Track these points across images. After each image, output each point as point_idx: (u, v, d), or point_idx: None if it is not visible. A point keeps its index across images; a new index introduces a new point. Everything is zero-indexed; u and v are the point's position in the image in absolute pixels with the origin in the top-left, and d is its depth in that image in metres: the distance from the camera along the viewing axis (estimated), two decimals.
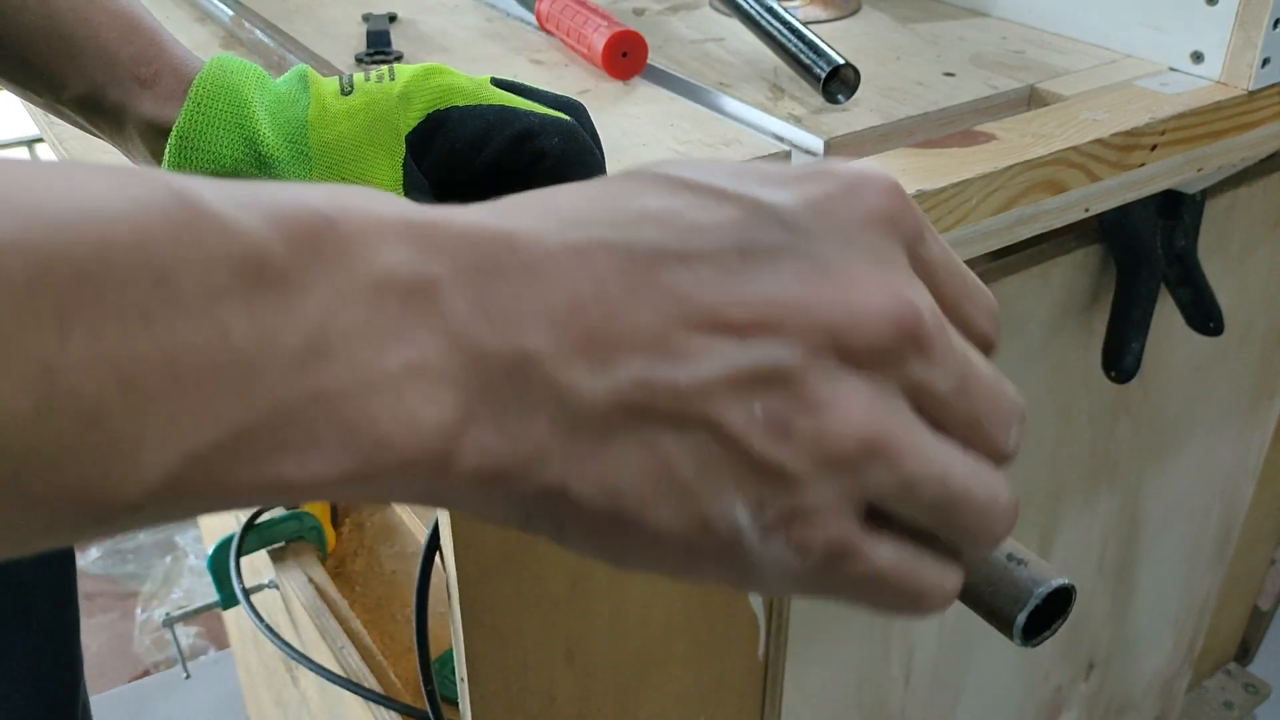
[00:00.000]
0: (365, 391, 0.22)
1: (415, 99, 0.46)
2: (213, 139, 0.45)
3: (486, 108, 0.47)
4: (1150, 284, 0.82)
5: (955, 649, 0.92)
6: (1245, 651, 1.51)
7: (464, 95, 0.47)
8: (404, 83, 0.47)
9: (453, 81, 0.47)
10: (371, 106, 0.46)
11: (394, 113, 0.46)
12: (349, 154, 0.46)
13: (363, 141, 0.46)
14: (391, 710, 0.83)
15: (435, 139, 0.47)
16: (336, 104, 0.47)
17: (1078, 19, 0.79)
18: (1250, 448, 1.11)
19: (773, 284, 0.24)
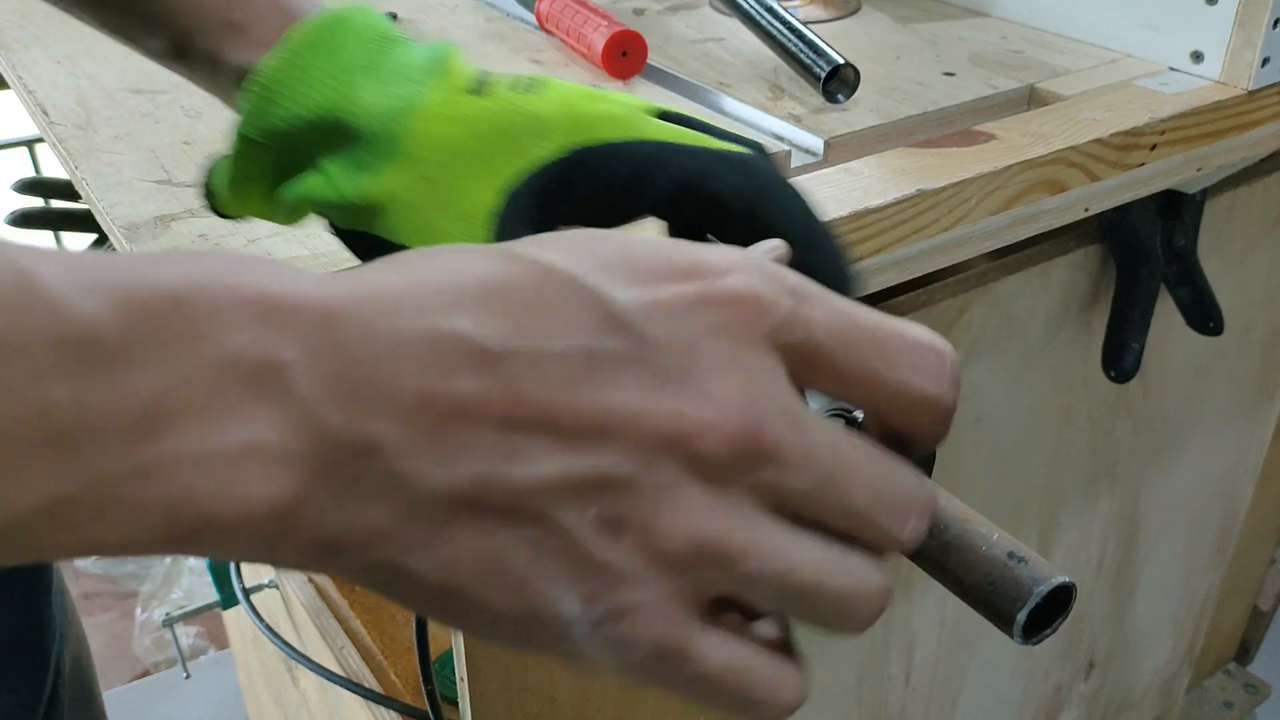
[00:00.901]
0: (194, 469, 0.22)
1: (554, 127, 0.40)
2: (298, 97, 0.40)
3: (641, 144, 0.39)
4: (1150, 284, 0.82)
5: (955, 648, 0.92)
6: (1245, 651, 1.51)
7: (615, 126, 0.39)
8: (545, 103, 0.40)
9: (604, 109, 0.40)
10: (496, 118, 0.40)
11: (521, 134, 0.40)
12: (445, 161, 0.40)
13: (468, 153, 0.40)
14: (391, 710, 0.83)
15: (578, 179, 0.40)
16: (458, 100, 0.40)
17: (1077, 19, 0.79)
18: (1250, 448, 1.11)
19: (613, 393, 0.25)
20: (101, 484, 0.22)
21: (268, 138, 0.41)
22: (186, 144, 0.63)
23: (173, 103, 0.68)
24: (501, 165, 0.39)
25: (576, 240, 0.27)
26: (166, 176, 0.59)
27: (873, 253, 0.56)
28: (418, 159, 0.40)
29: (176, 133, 0.64)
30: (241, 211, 0.45)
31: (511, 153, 0.39)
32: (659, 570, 0.25)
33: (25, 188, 1.06)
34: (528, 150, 0.39)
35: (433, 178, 0.40)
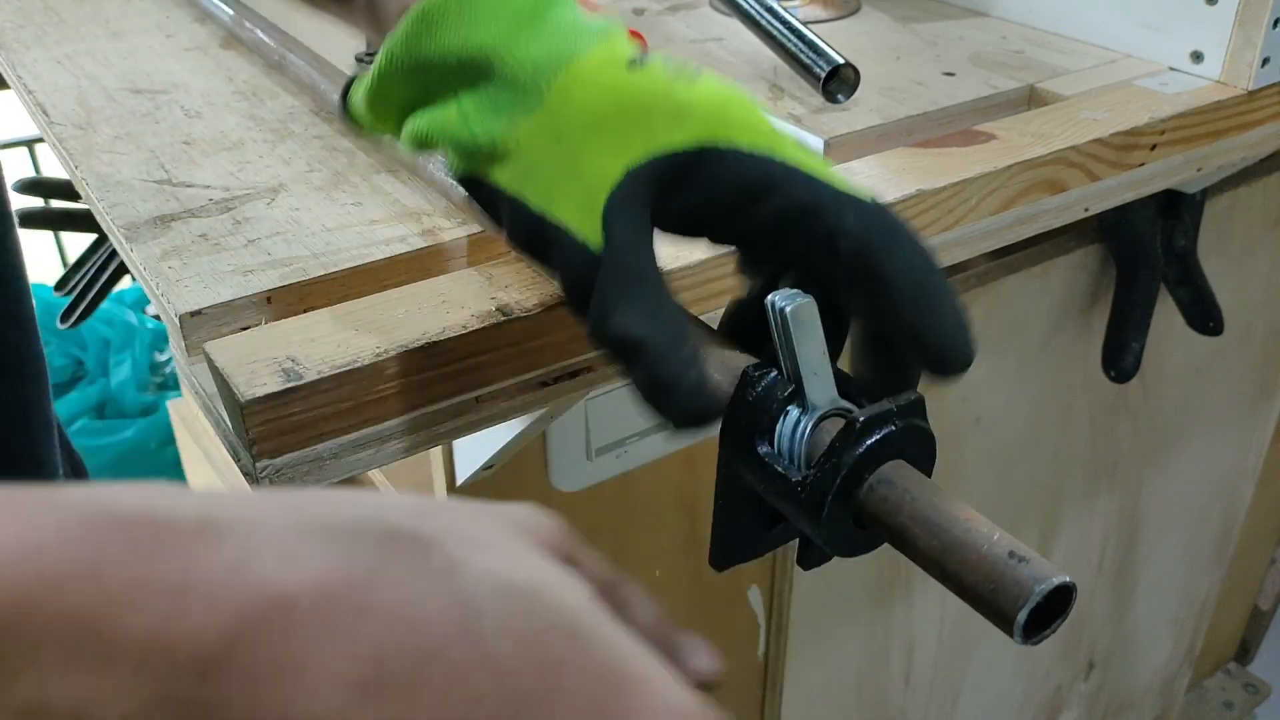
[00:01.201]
0: None
1: (694, 118, 0.39)
2: (458, 31, 0.40)
3: (771, 160, 0.39)
4: (1150, 284, 0.82)
5: (955, 649, 0.92)
6: (1245, 651, 1.51)
7: (753, 135, 0.39)
8: (694, 94, 0.40)
9: (749, 118, 0.40)
10: (642, 95, 0.39)
11: (660, 117, 0.39)
12: (582, 125, 0.40)
13: (605, 123, 0.39)
14: None
15: (701, 176, 0.39)
16: (612, 70, 0.40)
17: (1077, 19, 0.79)
18: (1250, 448, 1.11)
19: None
20: None
21: (417, 64, 0.42)
22: (186, 144, 0.63)
23: (173, 103, 0.68)
24: (634, 142, 0.39)
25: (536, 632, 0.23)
26: (166, 176, 0.59)
27: None
28: (556, 116, 0.40)
29: (176, 133, 0.64)
30: (376, 129, 0.46)
31: (646, 132, 0.39)
32: None
33: (25, 188, 1.06)
34: (662, 134, 0.39)
35: (564, 139, 0.40)
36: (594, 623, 0.25)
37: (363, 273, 0.51)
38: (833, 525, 0.36)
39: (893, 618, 0.84)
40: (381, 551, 0.23)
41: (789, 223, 0.39)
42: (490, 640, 0.23)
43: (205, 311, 0.47)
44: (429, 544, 0.24)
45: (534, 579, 0.24)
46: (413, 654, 0.22)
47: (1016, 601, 0.31)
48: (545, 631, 0.24)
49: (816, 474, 0.36)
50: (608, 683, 0.24)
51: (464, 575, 0.23)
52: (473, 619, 0.23)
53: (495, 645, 0.23)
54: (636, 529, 0.64)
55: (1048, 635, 0.32)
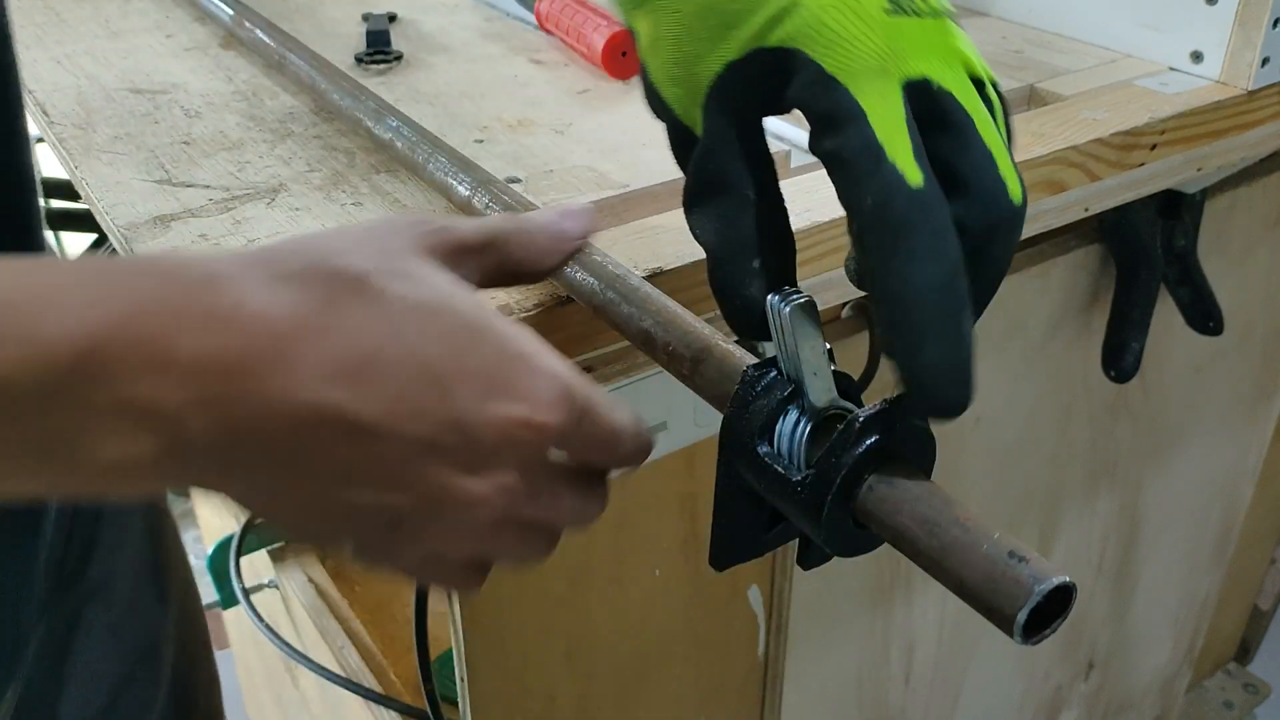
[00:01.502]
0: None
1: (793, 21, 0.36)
2: None
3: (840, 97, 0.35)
4: (1150, 284, 0.82)
5: (955, 649, 0.92)
6: (1245, 651, 1.51)
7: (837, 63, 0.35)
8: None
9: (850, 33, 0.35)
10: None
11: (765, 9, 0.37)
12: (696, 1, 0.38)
13: (714, 8, 0.38)
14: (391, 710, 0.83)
15: (782, 83, 0.37)
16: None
17: (1077, 19, 0.79)
18: (1250, 448, 1.11)
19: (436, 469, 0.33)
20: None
21: None
22: (186, 144, 0.63)
23: (173, 103, 0.68)
24: (735, 38, 0.37)
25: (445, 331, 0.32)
26: (166, 176, 0.59)
27: None
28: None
29: (176, 133, 0.64)
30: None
31: (747, 28, 0.37)
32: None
33: None
34: (759, 32, 0.37)
35: (683, 17, 0.39)
36: (486, 320, 0.33)
37: None
38: (832, 525, 0.36)
39: (893, 618, 0.84)
40: (330, 288, 0.31)
41: (830, 168, 0.36)
42: (412, 340, 0.32)
43: None
44: (361, 278, 0.32)
45: (439, 295, 0.33)
46: (359, 355, 0.31)
47: (1016, 601, 0.31)
48: (449, 331, 0.32)
49: (815, 474, 0.36)
50: (501, 359, 0.33)
51: (388, 299, 0.32)
52: (398, 328, 0.32)
53: (415, 344, 0.32)
54: (636, 529, 0.64)
55: (1047, 635, 0.32)
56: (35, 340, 0.26)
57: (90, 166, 0.60)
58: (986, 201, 0.35)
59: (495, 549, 0.36)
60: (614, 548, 0.64)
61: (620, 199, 0.58)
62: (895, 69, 0.35)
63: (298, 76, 0.69)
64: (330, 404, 0.30)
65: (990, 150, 0.35)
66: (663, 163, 0.61)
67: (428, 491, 0.33)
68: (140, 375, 0.28)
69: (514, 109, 0.68)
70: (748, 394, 0.38)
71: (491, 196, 0.51)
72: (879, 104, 0.35)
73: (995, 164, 0.35)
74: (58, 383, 0.27)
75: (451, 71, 0.74)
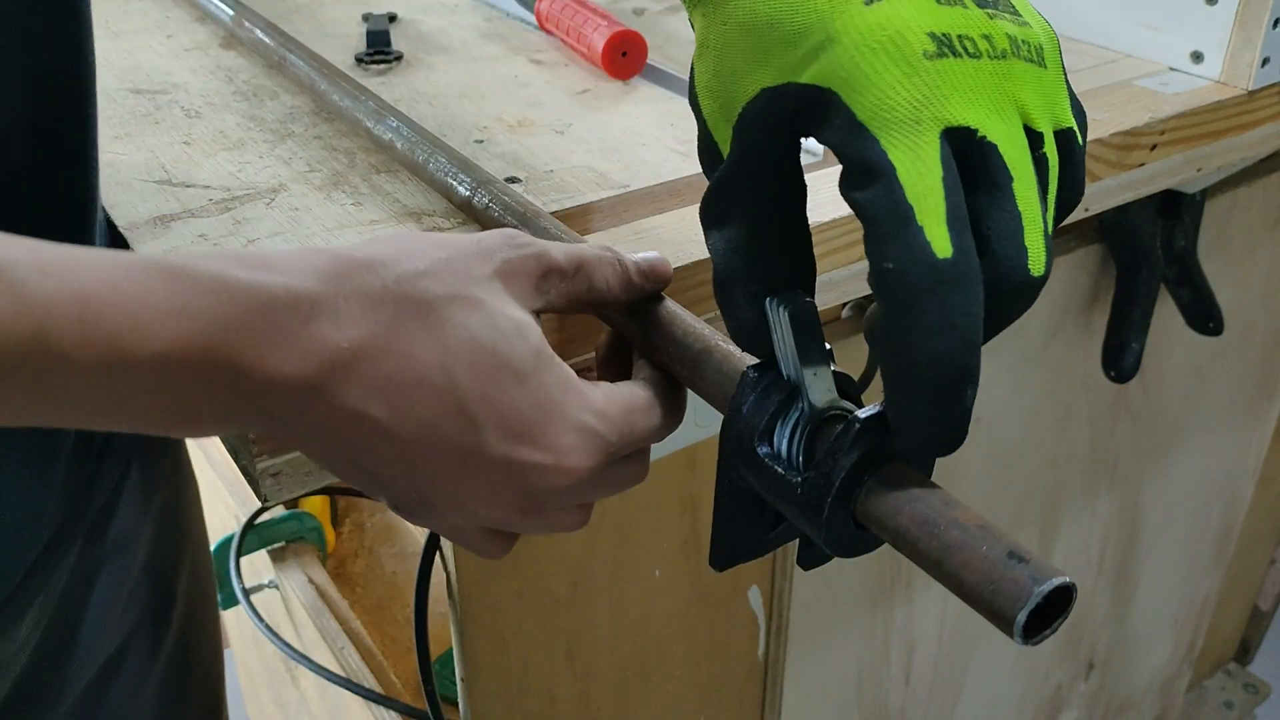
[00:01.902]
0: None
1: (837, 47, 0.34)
2: None
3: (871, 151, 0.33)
4: (1150, 284, 0.82)
5: (955, 649, 0.92)
6: (1245, 651, 1.51)
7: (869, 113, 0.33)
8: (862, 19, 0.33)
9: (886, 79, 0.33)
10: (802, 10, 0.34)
11: (808, 40, 0.34)
12: (741, 17, 0.36)
13: (758, 28, 0.35)
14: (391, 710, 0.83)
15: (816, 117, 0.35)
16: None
17: (1078, 19, 0.79)
18: (1250, 448, 1.11)
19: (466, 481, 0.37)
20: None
21: None
22: (186, 144, 0.63)
23: (173, 103, 0.68)
24: (773, 64, 0.35)
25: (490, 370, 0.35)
26: (166, 176, 0.59)
27: None
28: (725, 3, 0.37)
29: (176, 133, 0.64)
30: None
31: (785, 57, 0.35)
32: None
33: None
34: (798, 63, 0.35)
35: (728, 31, 0.37)
36: (533, 366, 0.36)
37: None
38: (833, 526, 0.36)
39: (893, 618, 0.84)
40: (398, 312, 0.34)
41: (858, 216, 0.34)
42: (457, 374, 0.35)
43: None
44: (430, 306, 0.35)
45: (497, 333, 0.36)
46: (409, 379, 0.34)
47: (1016, 602, 0.31)
48: (494, 371, 0.35)
49: (815, 475, 0.36)
50: (535, 407, 0.36)
51: (448, 330, 0.35)
52: (448, 360, 0.35)
53: (460, 378, 0.35)
54: (636, 529, 0.64)
55: (1048, 636, 0.32)
56: (119, 348, 0.29)
57: None
58: (1001, 269, 0.33)
59: (523, 528, 0.39)
60: (614, 548, 0.64)
61: (620, 199, 0.58)
62: (933, 117, 0.32)
63: (298, 77, 0.69)
64: (371, 415, 0.34)
65: (1020, 214, 0.33)
66: (663, 163, 0.61)
67: (453, 492, 0.37)
68: (213, 390, 0.31)
69: (514, 109, 0.68)
70: (747, 395, 0.38)
71: (491, 197, 0.51)
72: (910, 159, 0.32)
73: (1021, 230, 0.33)
74: (136, 384, 0.30)
75: (451, 72, 0.74)
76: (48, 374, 0.29)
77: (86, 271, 0.29)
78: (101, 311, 0.29)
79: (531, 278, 0.39)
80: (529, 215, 0.49)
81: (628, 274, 0.42)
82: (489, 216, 0.51)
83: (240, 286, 0.32)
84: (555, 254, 0.40)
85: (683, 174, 0.60)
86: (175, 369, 0.30)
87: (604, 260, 0.42)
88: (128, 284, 0.30)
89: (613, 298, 0.42)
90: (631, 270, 0.42)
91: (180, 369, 0.31)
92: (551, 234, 0.47)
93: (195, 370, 0.31)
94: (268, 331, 0.32)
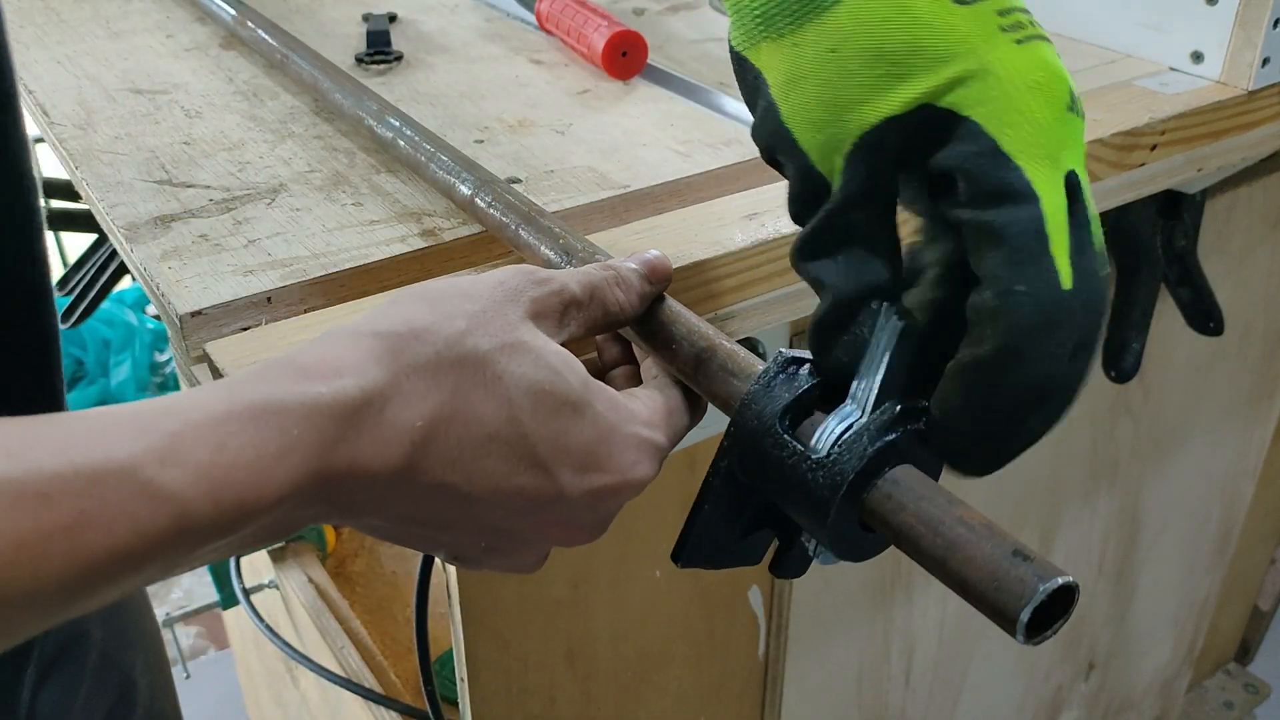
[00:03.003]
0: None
1: (986, 89, 0.35)
2: None
3: (1014, 177, 0.35)
4: (1150, 284, 0.82)
5: (955, 649, 0.92)
6: (1245, 651, 1.51)
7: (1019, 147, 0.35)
8: (1009, 63, 0.35)
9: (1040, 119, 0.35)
10: (949, 36, 0.35)
11: (952, 67, 0.35)
12: (858, 46, 0.36)
13: (882, 54, 0.36)
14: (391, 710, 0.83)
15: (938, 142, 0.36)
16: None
17: (1078, 19, 0.79)
18: (1250, 448, 1.11)
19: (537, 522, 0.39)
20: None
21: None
22: (186, 144, 0.63)
23: (173, 103, 0.68)
24: (906, 90, 0.36)
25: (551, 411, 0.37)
26: (166, 176, 0.59)
27: None
28: (840, 31, 0.36)
29: (176, 133, 0.64)
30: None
31: (923, 82, 0.36)
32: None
33: None
34: (938, 88, 0.35)
35: (840, 58, 0.37)
36: (586, 398, 0.38)
37: (363, 273, 0.51)
38: (839, 527, 0.36)
39: (893, 618, 0.84)
40: (458, 376, 0.35)
41: (969, 245, 0.35)
42: (524, 423, 0.36)
43: (206, 312, 0.47)
44: (484, 362, 0.36)
45: (549, 373, 0.37)
46: (479, 439, 0.35)
47: (1020, 600, 0.31)
48: (555, 410, 0.37)
49: (830, 462, 0.36)
50: (597, 436, 0.38)
51: (506, 381, 0.36)
52: (514, 412, 0.36)
53: (527, 426, 0.36)
54: (637, 530, 0.64)
55: (1049, 636, 0.32)
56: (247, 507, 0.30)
57: (90, 166, 0.60)
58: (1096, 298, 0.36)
59: (584, 540, 0.42)
60: (615, 549, 0.64)
61: (620, 199, 0.58)
62: (1063, 163, 0.35)
63: (300, 76, 0.69)
64: (450, 484, 0.35)
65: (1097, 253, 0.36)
66: (663, 163, 0.61)
67: (527, 535, 0.39)
68: (314, 507, 0.33)
69: (514, 109, 0.68)
70: (776, 375, 0.38)
71: (495, 196, 0.51)
72: (1051, 192, 0.34)
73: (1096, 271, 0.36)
74: (258, 529, 0.31)
75: (452, 72, 0.74)
76: (181, 554, 0.30)
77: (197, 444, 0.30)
78: (225, 481, 0.30)
79: (556, 313, 0.40)
80: (532, 215, 0.49)
81: (634, 288, 0.43)
82: (491, 217, 0.51)
83: (325, 403, 0.32)
84: (573, 286, 0.41)
85: (683, 174, 0.60)
86: (292, 503, 0.32)
87: (610, 281, 0.42)
88: (235, 443, 0.30)
89: (626, 317, 0.43)
90: (636, 283, 0.43)
91: (295, 501, 0.32)
92: (554, 234, 0.47)
93: (307, 498, 0.32)
94: (354, 437, 0.33)
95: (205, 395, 0.31)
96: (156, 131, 0.64)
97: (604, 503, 0.39)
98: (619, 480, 0.39)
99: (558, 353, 0.38)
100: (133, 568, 0.28)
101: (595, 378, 0.39)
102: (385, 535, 0.38)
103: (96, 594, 0.28)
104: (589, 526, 0.40)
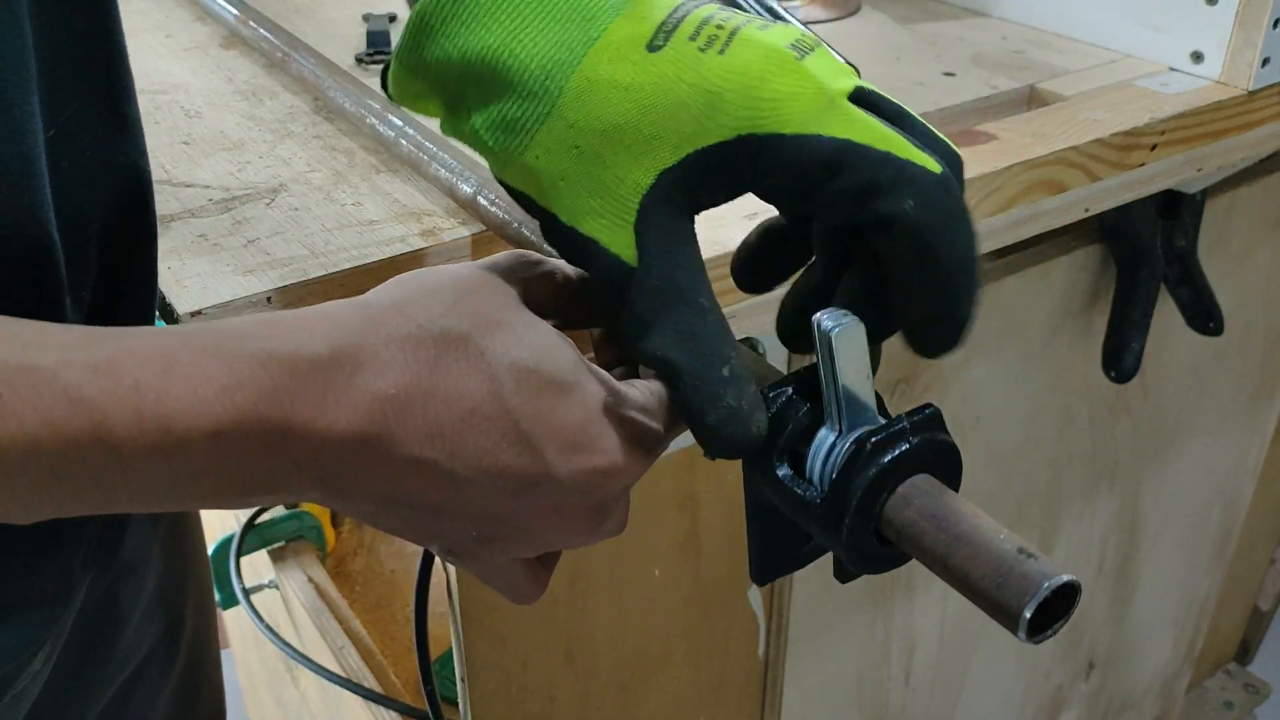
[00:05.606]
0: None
1: (728, 107, 0.36)
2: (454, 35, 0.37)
3: (817, 141, 0.35)
4: (1150, 284, 0.82)
5: (956, 649, 0.92)
6: (1245, 651, 1.51)
7: (795, 112, 0.35)
8: (726, 71, 0.36)
9: (788, 89, 0.36)
10: (666, 90, 0.36)
11: (690, 113, 0.36)
12: (597, 130, 0.37)
13: (628, 129, 0.36)
14: (391, 710, 0.83)
15: (741, 168, 0.36)
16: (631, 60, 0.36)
17: (1078, 19, 0.79)
18: (1250, 448, 1.11)
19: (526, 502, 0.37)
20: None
21: (422, 72, 0.39)
22: (186, 144, 0.63)
23: (173, 103, 0.68)
24: (662, 145, 0.36)
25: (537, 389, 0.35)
26: (166, 176, 0.59)
27: None
28: (572, 126, 0.37)
29: (176, 133, 0.64)
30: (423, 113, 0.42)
31: (675, 132, 0.36)
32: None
33: None
34: (692, 130, 0.36)
35: (585, 149, 0.37)
36: (575, 378, 0.36)
37: (363, 273, 0.51)
38: (855, 543, 0.36)
39: (893, 617, 0.84)
40: (437, 350, 0.34)
41: (843, 207, 0.36)
42: (507, 399, 0.35)
43: (205, 312, 0.47)
44: (465, 338, 0.35)
45: (535, 351, 0.36)
46: (460, 413, 0.34)
47: (1023, 596, 0.31)
48: (540, 388, 0.35)
49: (832, 496, 0.36)
50: (585, 416, 0.36)
51: (489, 357, 0.35)
52: (496, 387, 0.35)
53: (510, 402, 0.35)
54: (636, 529, 0.64)
55: (1050, 635, 0.32)
56: (174, 433, 0.30)
57: None
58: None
59: (586, 539, 0.40)
60: (614, 548, 0.64)
61: None
62: (841, 97, 0.36)
63: (301, 76, 0.69)
64: (428, 459, 0.34)
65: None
66: None
67: (519, 521, 0.37)
68: (268, 461, 0.32)
69: None
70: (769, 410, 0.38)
71: (497, 194, 0.51)
72: (848, 126, 0.36)
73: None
74: (192, 465, 0.31)
75: None
76: (107, 469, 0.29)
77: (138, 363, 0.30)
78: (155, 400, 0.29)
79: (549, 295, 0.39)
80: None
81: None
82: (494, 215, 0.51)
83: (285, 353, 0.32)
84: (567, 269, 0.40)
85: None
86: (229, 445, 0.31)
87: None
88: (180, 371, 0.30)
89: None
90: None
91: (234, 444, 0.31)
92: None
93: (249, 443, 0.31)
94: (315, 393, 0.32)
95: (171, 329, 0.31)
96: (156, 131, 0.64)
97: (595, 488, 0.37)
98: (609, 463, 0.37)
99: (547, 332, 0.37)
100: (48, 467, 0.28)
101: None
102: (375, 521, 0.37)
103: (9, 487, 0.28)
104: (584, 516, 0.38)
